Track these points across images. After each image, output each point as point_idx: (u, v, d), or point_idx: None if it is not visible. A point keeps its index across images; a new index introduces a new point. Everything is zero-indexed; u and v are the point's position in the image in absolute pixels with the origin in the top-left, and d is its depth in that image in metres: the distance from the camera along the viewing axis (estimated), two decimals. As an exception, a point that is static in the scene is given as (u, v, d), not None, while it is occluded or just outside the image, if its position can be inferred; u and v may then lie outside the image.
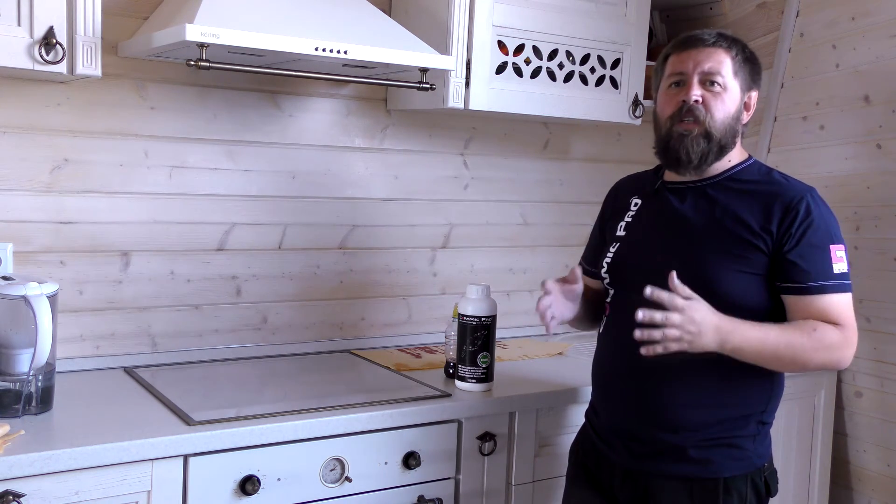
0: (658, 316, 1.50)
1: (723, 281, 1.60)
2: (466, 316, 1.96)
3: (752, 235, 1.61)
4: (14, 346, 1.64)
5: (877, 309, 2.42)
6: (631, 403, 1.70)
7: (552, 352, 2.44)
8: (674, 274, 1.53)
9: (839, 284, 1.60)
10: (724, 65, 1.65)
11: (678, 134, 1.66)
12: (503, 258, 2.65)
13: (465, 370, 1.97)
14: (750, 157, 1.73)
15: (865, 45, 2.41)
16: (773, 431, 1.74)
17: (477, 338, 1.95)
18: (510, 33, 2.21)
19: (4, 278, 1.69)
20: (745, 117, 1.70)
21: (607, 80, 2.39)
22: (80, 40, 1.71)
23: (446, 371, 2.10)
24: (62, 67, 1.69)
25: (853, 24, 2.44)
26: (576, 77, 2.33)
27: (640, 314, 1.50)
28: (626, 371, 1.69)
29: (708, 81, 1.65)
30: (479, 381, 1.96)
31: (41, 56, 1.66)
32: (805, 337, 1.56)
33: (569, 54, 2.31)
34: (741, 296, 1.60)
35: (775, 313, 1.62)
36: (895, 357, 2.39)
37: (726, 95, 1.65)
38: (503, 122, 2.58)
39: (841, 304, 1.60)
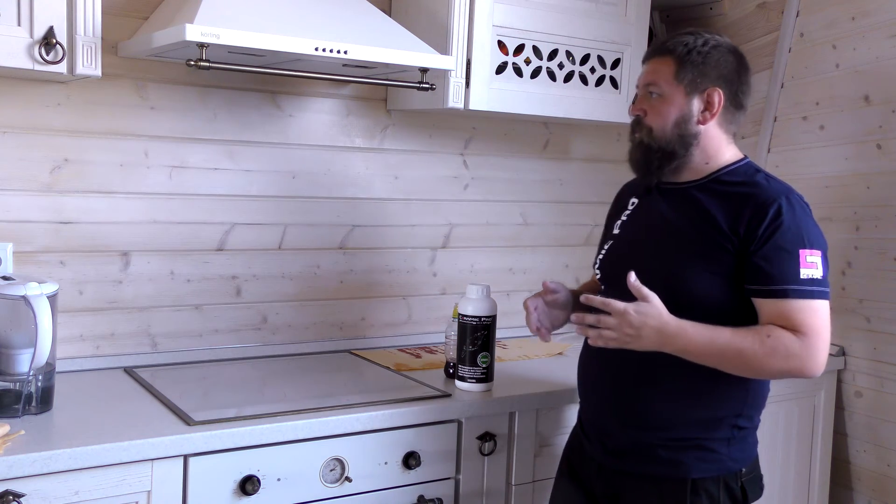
0: (589, 318, 1.59)
1: (686, 280, 1.61)
2: (466, 316, 1.96)
3: (720, 236, 1.60)
4: (14, 346, 1.64)
5: (877, 309, 2.42)
6: (605, 399, 1.73)
7: (552, 352, 2.44)
8: (632, 274, 1.58)
9: (805, 290, 1.55)
10: (660, 73, 1.67)
11: (630, 146, 1.74)
12: (503, 258, 2.65)
13: (465, 370, 1.97)
14: (744, 157, 1.71)
15: (865, 45, 2.41)
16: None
17: (477, 338, 1.95)
18: (510, 33, 2.21)
19: (4, 278, 1.69)
20: (708, 116, 1.65)
21: (607, 80, 2.39)
22: (80, 40, 1.71)
23: (446, 371, 2.10)
24: (62, 67, 1.69)
25: (853, 24, 2.44)
26: (576, 77, 2.33)
27: (573, 317, 1.64)
28: (603, 367, 1.73)
29: (649, 93, 1.69)
30: (479, 381, 1.96)
31: (41, 56, 1.66)
32: (757, 343, 1.54)
33: (569, 54, 2.31)
34: (704, 295, 1.60)
35: (745, 314, 1.60)
36: (895, 357, 2.39)
37: (662, 104, 1.66)
38: (503, 122, 2.57)
39: (805, 310, 1.55)
